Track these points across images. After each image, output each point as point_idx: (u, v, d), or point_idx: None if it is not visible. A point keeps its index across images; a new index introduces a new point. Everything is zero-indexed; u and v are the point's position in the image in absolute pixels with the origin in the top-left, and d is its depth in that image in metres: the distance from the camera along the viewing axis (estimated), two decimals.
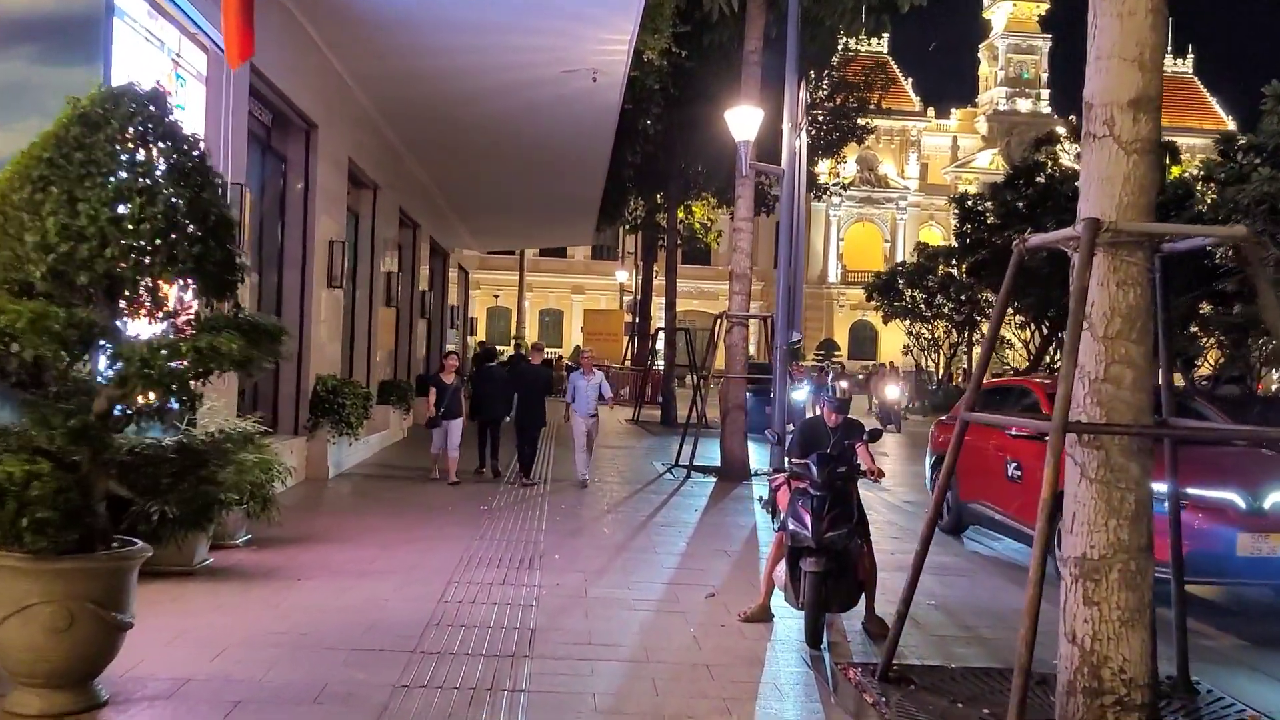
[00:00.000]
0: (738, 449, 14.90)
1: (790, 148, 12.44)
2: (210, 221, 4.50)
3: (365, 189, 16.11)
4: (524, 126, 15.73)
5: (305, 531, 8.94)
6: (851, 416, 7.06)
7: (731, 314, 14.86)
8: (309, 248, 12.31)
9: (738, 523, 10.80)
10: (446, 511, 10.44)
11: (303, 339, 12.27)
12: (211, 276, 4.57)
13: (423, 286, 21.22)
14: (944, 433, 11.32)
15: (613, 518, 10.72)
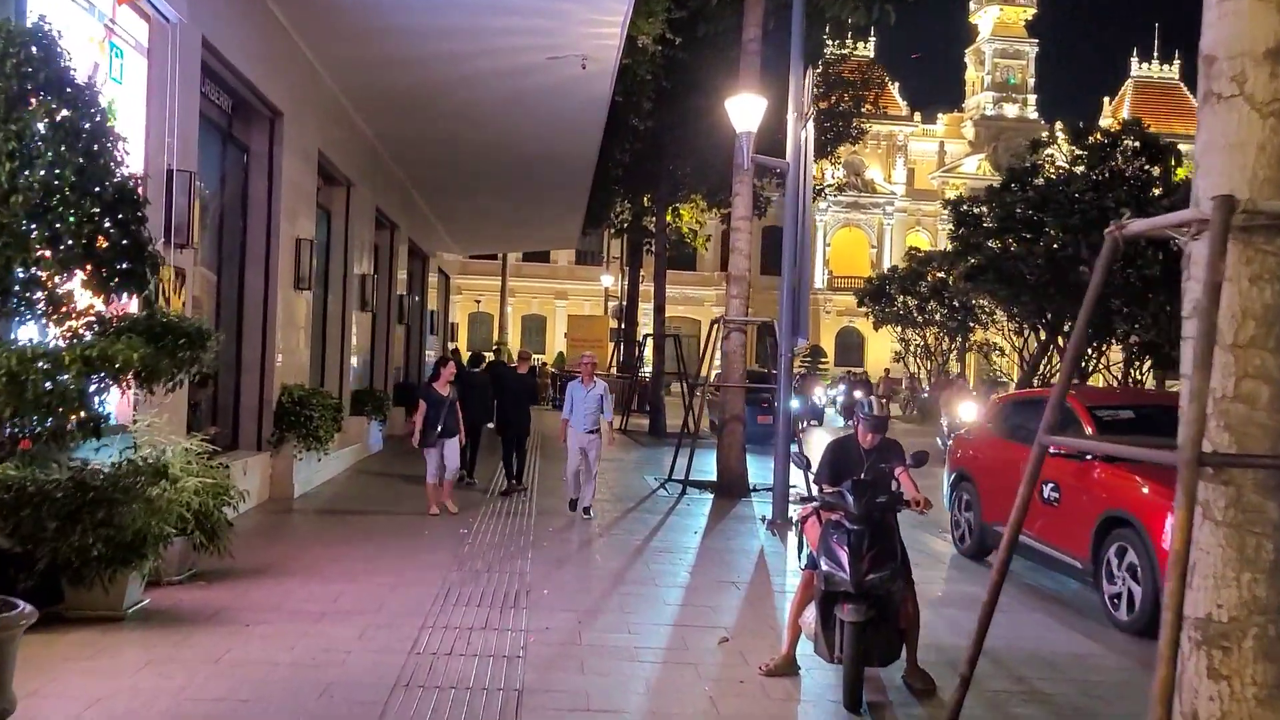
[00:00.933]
0: (736, 463, 13.97)
1: (795, 139, 11.53)
2: (106, 197, 3.51)
3: (338, 185, 15.12)
4: (508, 119, 14.79)
5: (262, 562, 7.94)
6: (890, 436, 6.13)
7: (729, 318, 13.93)
8: (273, 246, 11.31)
9: (743, 547, 9.86)
10: (422, 536, 9.46)
11: (266, 345, 11.28)
12: (108, 265, 3.57)
13: (401, 290, 20.20)
14: (965, 448, 10.41)
15: (605, 543, 9.76)
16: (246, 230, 11.22)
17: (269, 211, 11.30)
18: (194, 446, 7.19)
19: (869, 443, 5.99)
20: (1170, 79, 70.21)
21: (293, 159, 11.68)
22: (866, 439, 5.99)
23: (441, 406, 10.72)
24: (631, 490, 13.73)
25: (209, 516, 7.09)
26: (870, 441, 5.98)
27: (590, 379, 11.29)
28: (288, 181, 11.52)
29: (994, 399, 10.82)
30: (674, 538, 10.19)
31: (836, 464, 6.00)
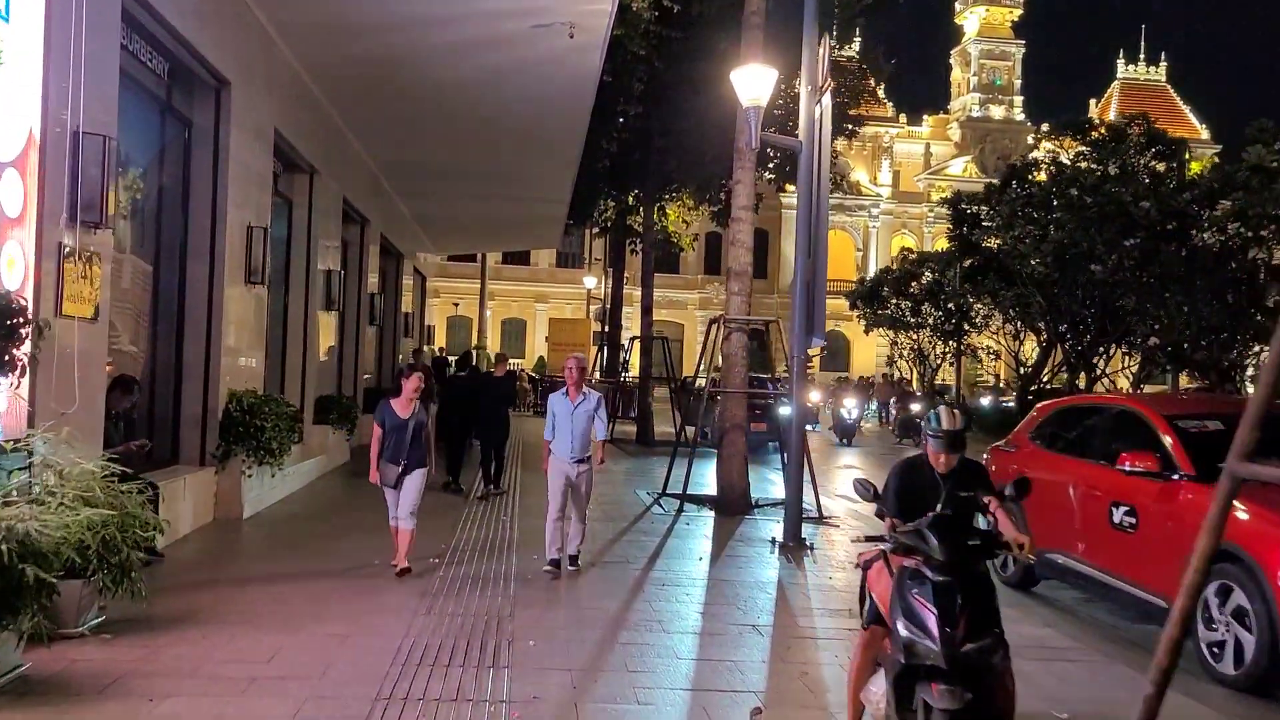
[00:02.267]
0: (737, 476, 12.69)
1: (809, 115, 10.28)
2: None
3: (300, 172, 13.77)
4: (487, 98, 13.48)
5: (188, 605, 6.60)
6: (970, 458, 4.87)
7: (730, 318, 12.66)
8: (219, 234, 9.95)
9: (756, 579, 8.57)
10: (385, 568, 8.12)
11: (210, 346, 9.92)
12: None
13: (372, 289, 18.83)
14: (1004, 462, 9.15)
15: (598, 574, 8.45)
16: (188, 215, 9.86)
17: (214, 194, 9.93)
18: (97, 468, 5.83)
19: (944, 465, 4.72)
20: (1157, 80, 69.63)
21: (243, 136, 10.33)
22: (940, 460, 4.72)
23: (402, 432, 7.93)
24: (623, 507, 12.43)
25: (115, 553, 5.76)
26: (945, 464, 4.71)
27: (579, 389, 8.33)
28: (236, 161, 10.16)
29: (1038, 406, 9.57)
30: (677, 567, 8.89)
31: (906, 492, 4.73)
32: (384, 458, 7.98)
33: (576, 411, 8.27)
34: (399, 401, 8.08)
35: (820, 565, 9.28)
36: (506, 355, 16.40)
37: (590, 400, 8.36)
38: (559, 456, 8.28)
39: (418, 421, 8.09)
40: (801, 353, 10.33)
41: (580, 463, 8.30)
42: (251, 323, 10.94)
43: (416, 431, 8.06)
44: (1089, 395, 13.31)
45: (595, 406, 8.36)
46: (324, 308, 14.84)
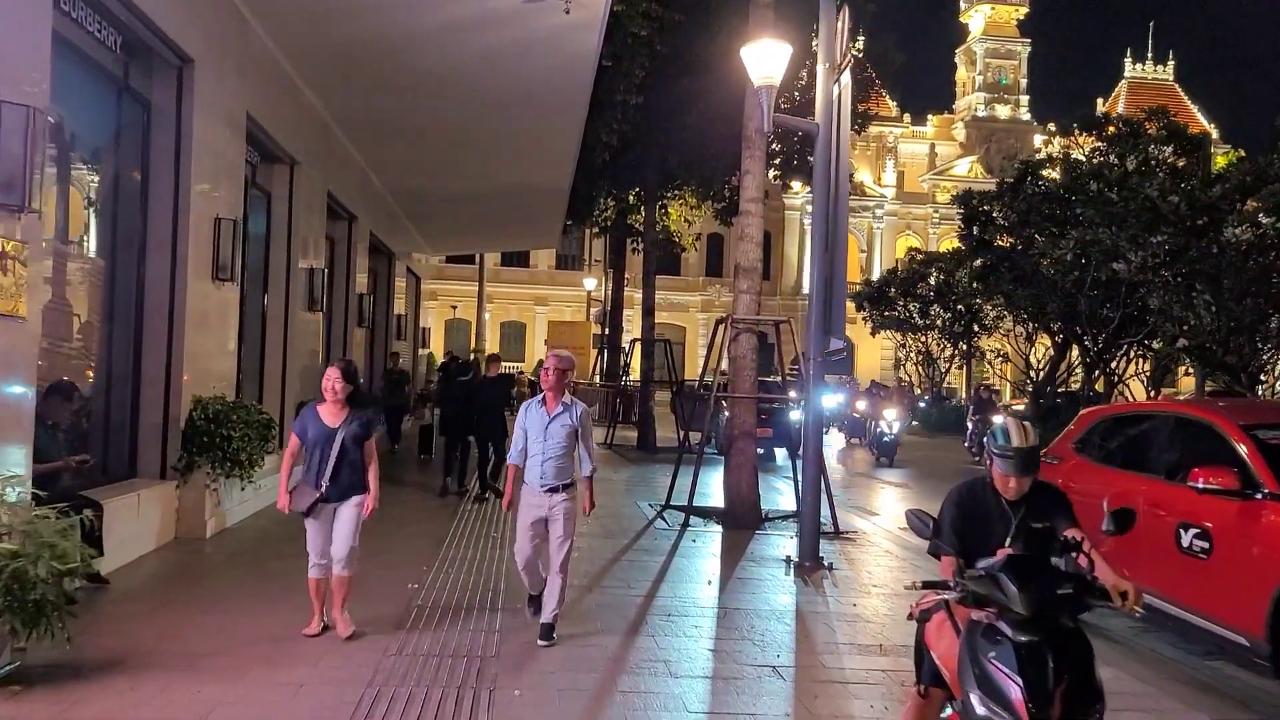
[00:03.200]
0: (747, 488, 11.83)
1: (827, 95, 9.42)
2: None
3: (279, 163, 12.92)
4: (479, 85, 12.63)
5: (122, 646, 5.73)
6: (1045, 481, 4.01)
7: (739, 317, 11.80)
8: (182, 225, 9.09)
9: (772, 606, 7.70)
10: (354, 599, 7.24)
11: (172, 349, 9.06)
12: None
13: (361, 289, 17.98)
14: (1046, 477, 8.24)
15: (596, 601, 7.58)
16: (147, 204, 9.00)
17: (176, 182, 9.07)
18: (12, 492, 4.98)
19: (1013, 490, 3.86)
20: (1164, 79, 68.80)
21: (209, 119, 9.47)
22: (1009, 485, 3.85)
23: (327, 447, 6.05)
24: (624, 520, 11.56)
25: (29, 589, 4.92)
26: (1015, 488, 3.85)
27: (558, 396, 6.33)
28: (202, 146, 9.31)
29: (1083, 414, 8.70)
30: (683, 592, 8.02)
31: (967, 525, 3.87)
32: (303, 479, 6.14)
33: (553, 425, 6.26)
34: (326, 406, 6.20)
35: (842, 589, 8.41)
36: (500, 356, 15.66)
37: (573, 412, 6.31)
38: (529, 486, 6.26)
39: (352, 433, 6.10)
40: (819, 354, 9.45)
41: (555, 492, 6.23)
42: (220, 322, 10.08)
43: (350, 446, 6.09)
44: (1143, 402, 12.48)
45: (579, 421, 6.31)
46: (306, 308, 13.98)
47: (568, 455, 6.30)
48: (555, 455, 6.26)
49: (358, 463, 6.19)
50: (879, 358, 57.40)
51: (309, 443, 6.15)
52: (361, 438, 6.20)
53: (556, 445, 6.26)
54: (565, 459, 6.29)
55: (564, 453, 6.28)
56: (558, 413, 6.32)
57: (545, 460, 6.26)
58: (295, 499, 6.09)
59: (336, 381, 6.17)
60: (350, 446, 6.13)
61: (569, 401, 6.38)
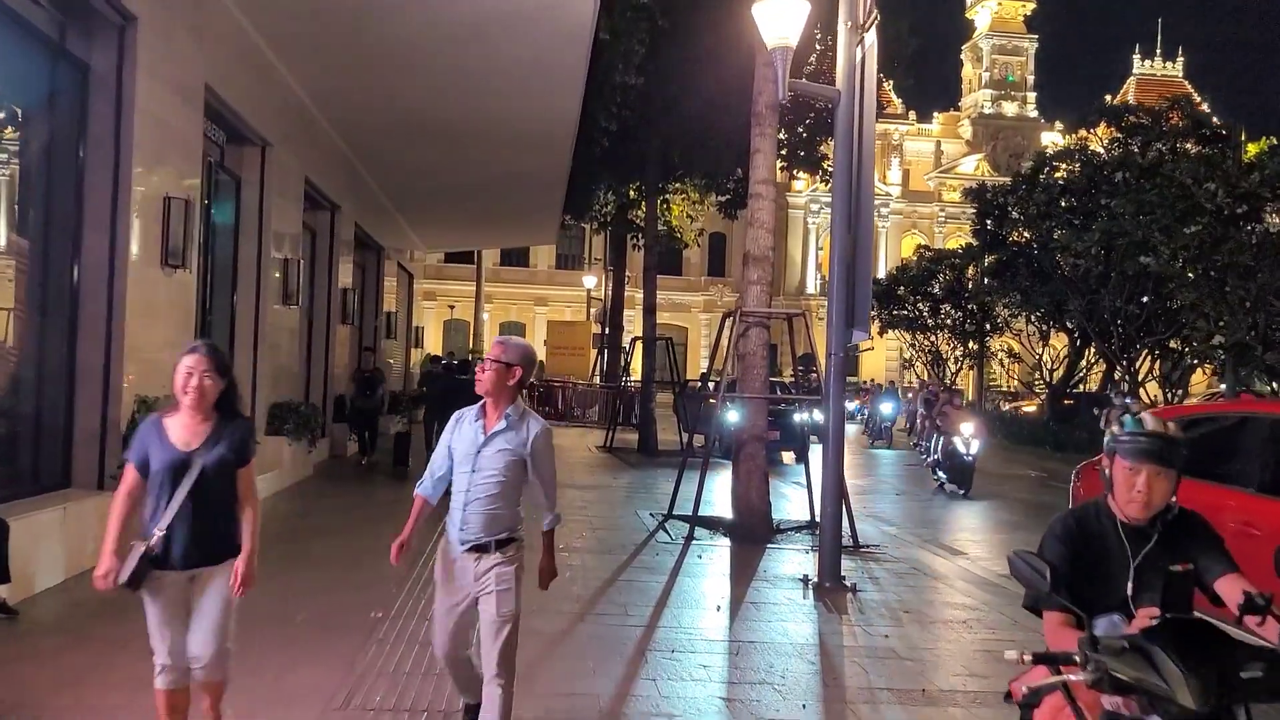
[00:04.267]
0: (757, 497, 10.82)
1: (849, 59, 8.41)
2: None
3: (249, 144, 11.92)
4: (465, 58, 11.61)
5: (9, 695, 4.71)
6: (1189, 509, 2.98)
7: (749, 310, 10.78)
8: (122, 203, 8.06)
9: (792, 638, 6.66)
10: (309, 627, 6.23)
11: (111, 343, 8.04)
12: None
13: (344, 284, 16.97)
14: (1095, 481, 7.22)
15: (590, 632, 6.55)
16: (82, 180, 7.99)
17: (116, 155, 8.06)
18: None
19: (1145, 504, 2.84)
20: (1173, 76, 67.76)
21: (155, 86, 8.45)
22: (1141, 496, 2.83)
23: (176, 481, 3.79)
24: (623, 533, 10.54)
25: None
26: (1148, 500, 2.84)
27: (500, 405, 4.14)
28: (147, 116, 8.28)
29: None
30: (689, 620, 6.99)
31: (1078, 568, 2.85)
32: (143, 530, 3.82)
33: (487, 449, 4.06)
34: (179, 417, 3.86)
35: (869, 616, 7.38)
36: None
37: (522, 431, 4.09)
38: (448, 541, 4.16)
39: (217, 459, 3.81)
40: (840, 349, 8.43)
41: (482, 553, 4.05)
42: (172, 314, 9.05)
43: (213, 480, 3.81)
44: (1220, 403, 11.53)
45: (531, 444, 4.09)
46: (281, 301, 12.98)
47: (506, 497, 4.07)
48: (486, 496, 4.03)
49: (226, 506, 3.90)
50: (884, 358, 56.38)
51: (151, 475, 3.81)
52: (233, 464, 3.87)
53: (489, 480, 4.03)
54: (502, 503, 4.05)
55: (500, 492, 4.04)
56: (498, 430, 4.06)
57: (469, 502, 4.04)
58: (130, 575, 3.73)
59: (201, 375, 3.81)
60: (214, 480, 3.81)
61: (517, 414, 4.10)
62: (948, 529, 12.92)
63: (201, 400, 3.83)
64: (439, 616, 4.22)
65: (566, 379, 31.84)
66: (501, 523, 4.09)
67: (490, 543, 4.07)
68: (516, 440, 4.09)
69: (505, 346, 4.14)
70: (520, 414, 4.14)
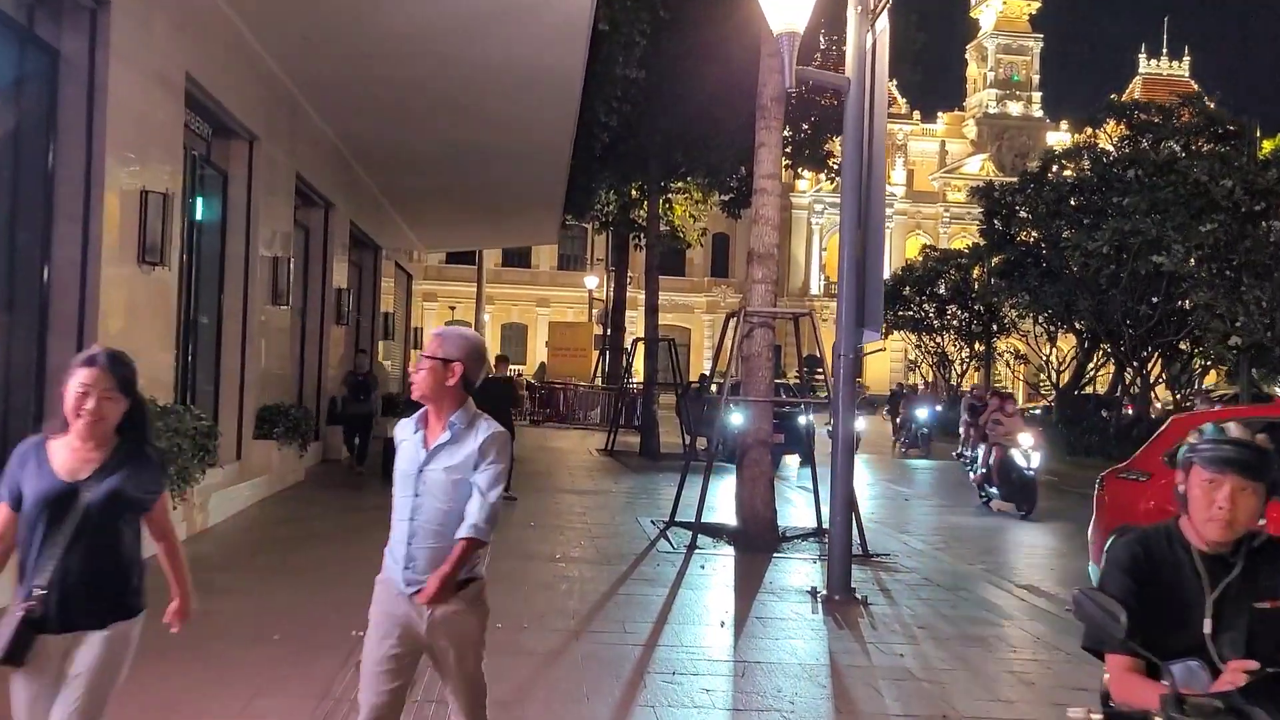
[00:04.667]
0: (762, 504, 10.40)
1: (859, 44, 8.01)
2: None
3: (236, 139, 11.51)
4: (458, 49, 11.23)
5: None
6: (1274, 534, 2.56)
7: (753, 309, 10.37)
8: (95, 197, 7.67)
9: (800, 657, 6.25)
10: (285, 647, 5.82)
11: (83, 342, 7.61)
12: None
13: (339, 284, 16.57)
14: (1138, 498, 6.81)
15: (585, 651, 6.13)
16: (53, 173, 7.59)
17: (89, 147, 7.66)
18: None
19: (1221, 532, 2.42)
20: (1180, 75, 67.31)
21: (130, 73, 8.05)
22: (1214, 523, 2.41)
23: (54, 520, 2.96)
24: (623, 541, 10.14)
25: None
26: (1226, 528, 2.41)
27: (444, 412, 3.33)
28: (121, 105, 7.88)
29: (1177, 419, 7.23)
30: (691, 638, 6.57)
31: (1146, 599, 2.43)
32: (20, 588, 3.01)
33: (432, 467, 3.31)
34: (66, 440, 3.07)
35: (882, 632, 6.96)
36: (508, 357, 14.60)
37: (471, 442, 3.30)
38: (386, 576, 3.39)
39: (107, 494, 3.00)
40: (851, 350, 8.01)
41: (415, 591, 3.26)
42: (151, 314, 8.65)
43: (102, 520, 3.00)
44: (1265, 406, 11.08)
45: (480, 460, 3.28)
46: (271, 301, 12.58)
47: (457, 524, 3.24)
48: (435, 526, 3.25)
49: (120, 555, 3.06)
50: (889, 360, 55.94)
51: (24, 513, 3.00)
52: (131, 504, 3.07)
53: (438, 506, 3.26)
54: (452, 532, 3.23)
55: (453, 520, 3.24)
56: (442, 443, 3.29)
57: (415, 534, 3.27)
58: None
59: (99, 395, 3.02)
60: (103, 520, 2.99)
61: (465, 421, 3.30)
62: (973, 542, 12.50)
63: (97, 426, 3.01)
64: (370, 672, 3.28)
65: (568, 381, 31.44)
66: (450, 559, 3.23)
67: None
68: (464, 453, 3.27)
69: (442, 339, 3.39)
70: (469, 420, 3.32)
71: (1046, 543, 12.40)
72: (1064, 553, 11.54)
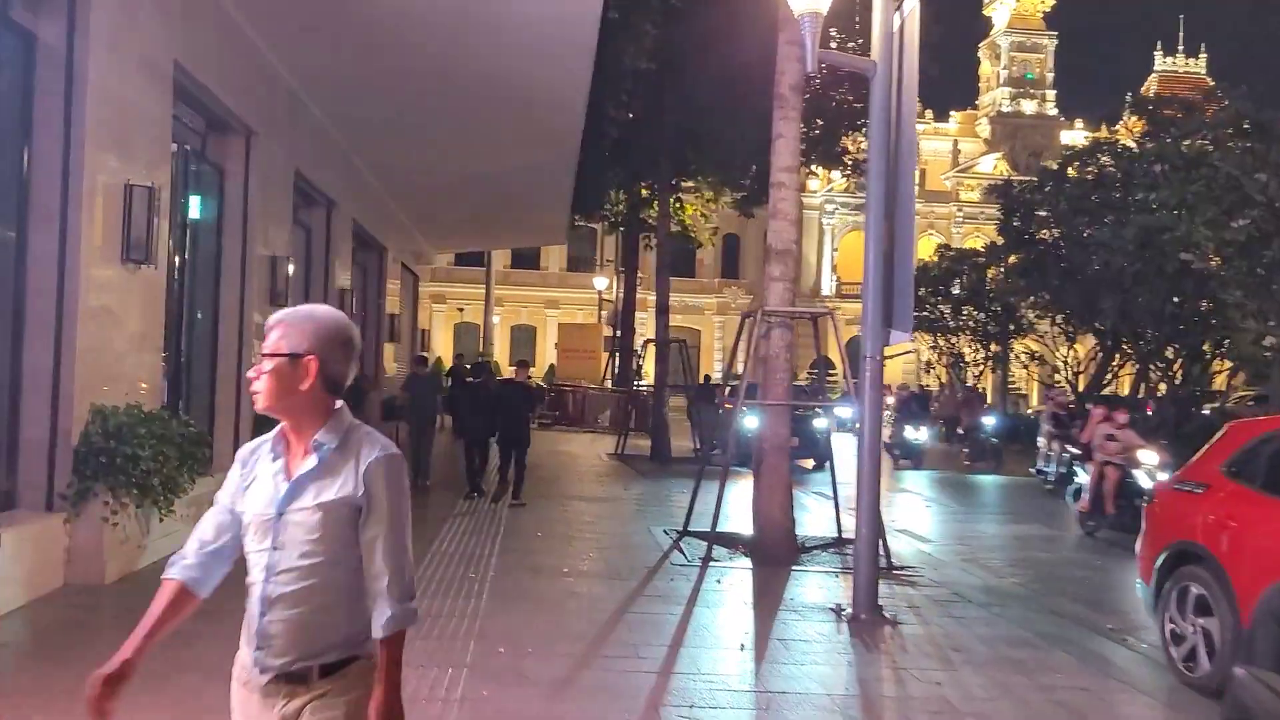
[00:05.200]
0: (780, 513, 9.91)
1: (886, 26, 7.51)
2: None
3: (232, 133, 11.05)
4: (460, 37, 10.78)
5: None
6: None
7: (771, 309, 9.87)
8: (74, 191, 7.22)
9: (828, 685, 5.75)
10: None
11: (62, 344, 7.20)
12: None
13: (342, 284, 16.14)
14: (1192, 509, 6.27)
15: (594, 681, 5.64)
16: (29, 165, 7.16)
17: (67, 136, 7.21)
18: None
19: None
20: (1196, 73, 66.51)
21: (113, 60, 7.61)
22: None
23: None
24: (634, 554, 9.64)
25: None
26: None
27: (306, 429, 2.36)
28: (102, 94, 7.44)
29: (1234, 426, 6.70)
30: (709, 663, 6.08)
31: None
32: None
33: (295, 510, 2.32)
34: None
35: (914, 656, 6.45)
36: (526, 361, 14.42)
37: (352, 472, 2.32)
38: (241, 661, 2.40)
39: None
40: (878, 351, 7.52)
41: (294, 686, 2.32)
42: (136, 314, 8.20)
43: None
44: None
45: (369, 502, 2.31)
46: (269, 301, 12.13)
47: (335, 586, 2.33)
48: (298, 588, 2.31)
49: None
50: (901, 362, 55.28)
51: None
52: None
53: (303, 560, 2.32)
54: (327, 597, 2.33)
55: (323, 579, 2.32)
56: (307, 471, 2.34)
57: (271, 601, 2.33)
58: None
59: None
60: None
61: (337, 439, 2.36)
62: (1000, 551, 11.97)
63: None
64: None
65: (578, 383, 30.97)
66: (328, 633, 2.31)
67: (309, 669, 2.30)
68: (340, 486, 2.30)
69: (286, 327, 2.38)
70: (343, 438, 2.34)
71: (1082, 560, 11.87)
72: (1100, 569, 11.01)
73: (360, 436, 2.38)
